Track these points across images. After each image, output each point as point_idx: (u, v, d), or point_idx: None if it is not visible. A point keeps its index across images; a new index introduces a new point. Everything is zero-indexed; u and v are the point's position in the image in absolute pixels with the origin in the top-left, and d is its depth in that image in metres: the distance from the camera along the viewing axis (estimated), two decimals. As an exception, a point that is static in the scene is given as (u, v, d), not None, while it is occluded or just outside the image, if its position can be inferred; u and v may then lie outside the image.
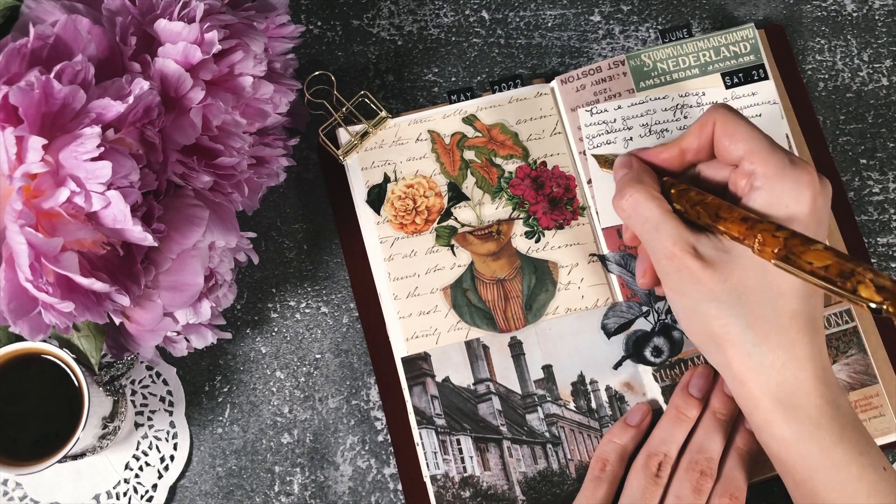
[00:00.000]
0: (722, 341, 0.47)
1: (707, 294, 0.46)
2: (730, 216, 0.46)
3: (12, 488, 0.57)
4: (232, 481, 0.58)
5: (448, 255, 0.59)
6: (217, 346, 0.60)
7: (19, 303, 0.40)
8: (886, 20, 0.65)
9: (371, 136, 0.61)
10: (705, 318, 0.47)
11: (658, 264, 0.49)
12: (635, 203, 0.49)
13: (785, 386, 0.46)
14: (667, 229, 0.47)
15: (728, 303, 0.46)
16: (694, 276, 0.47)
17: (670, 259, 0.47)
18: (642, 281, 0.53)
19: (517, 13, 0.66)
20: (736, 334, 0.46)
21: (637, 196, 0.49)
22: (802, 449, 0.46)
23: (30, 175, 0.39)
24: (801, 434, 0.46)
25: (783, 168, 0.46)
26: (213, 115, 0.45)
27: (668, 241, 0.47)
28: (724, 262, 0.46)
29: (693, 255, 0.46)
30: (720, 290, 0.46)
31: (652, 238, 0.48)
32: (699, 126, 0.49)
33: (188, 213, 0.45)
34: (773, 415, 0.47)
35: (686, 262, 0.47)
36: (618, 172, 0.52)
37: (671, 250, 0.47)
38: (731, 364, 0.47)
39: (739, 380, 0.47)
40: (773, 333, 0.46)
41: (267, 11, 0.51)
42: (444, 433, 0.57)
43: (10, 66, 0.40)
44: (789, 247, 0.43)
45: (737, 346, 0.47)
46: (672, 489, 0.53)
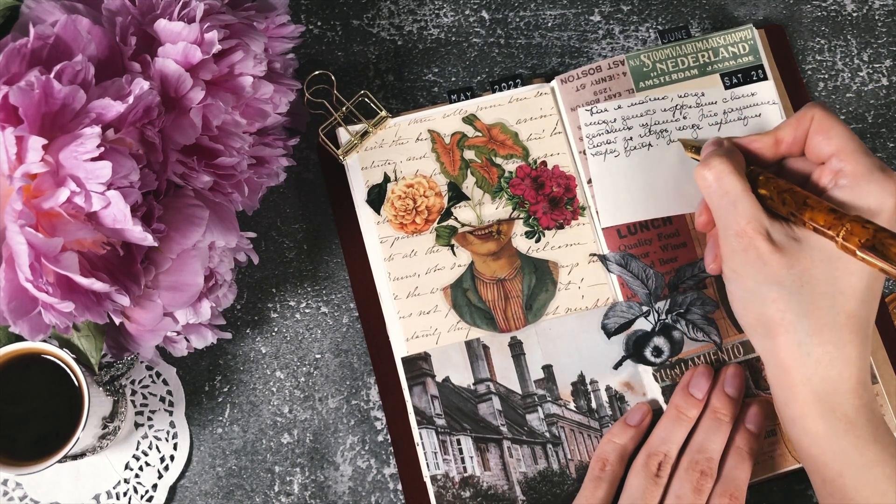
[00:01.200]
0: (775, 326, 0.48)
1: (770, 277, 0.47)
2: (818, 205, 0.46)
3: (12, 488, 0.57)
4: (232, 481, 0.58)
5: (448, 254, 0.60)
6: (217, 346, 0.60)
7: (19, 303, 0.40)
8: (886, 20, 0.65)
9: (371, 135, 0.61)
10: (763, 300, 0.48)
11: (726, 241, 0.49)
12: (720, 174, 0.49)
13: (828, 382, 0.47)
14: (744, 206, 0.48)
15: (790, 289, 0.47)
16: (761, 257, 0.47)
17: (740, 237, 0.48)
18: (712, 266, 0.54)
19: (517, 13, 0.66)
20: (791, 321, 0.47)
21: (723, 167, 0.49)
22: (836, 445, 0.47)
23: (30, 175, 0.39)
24: (835, 431, 0.46)
25: (872, 171, 0.47)
26: (213, 115, 0.45)
27: (742, 219, 0.48)
28: (794, 249, 0.47)
29: (764, 236, 0.47)
30: (785, 274, 0.47)
31: (727, 213, 0.49)
32: (797, 119, 0.50)
33: (188, 213, 0.45)
34: (811, 408, 0.47)
35: (756, 242, 0.47)
36: (708, 147, 0.52)
37: (744, 228, 0.48)
38: (779, 350, 0.48)
39: (783, 367, 0.48)
40: (828, 328, 0.46)
41: (267, 11, 0.51)
42: (444, 433, 0.57)
43: (10, 66, 0.40)
44: (878, 238, 0.43)
45: (789, 333, 0.47)
46: (672, 489, 0.53)
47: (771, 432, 0.57)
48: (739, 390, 0.55)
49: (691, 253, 0.59)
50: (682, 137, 0.59)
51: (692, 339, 0.58)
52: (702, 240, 0.59)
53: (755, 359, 0.58)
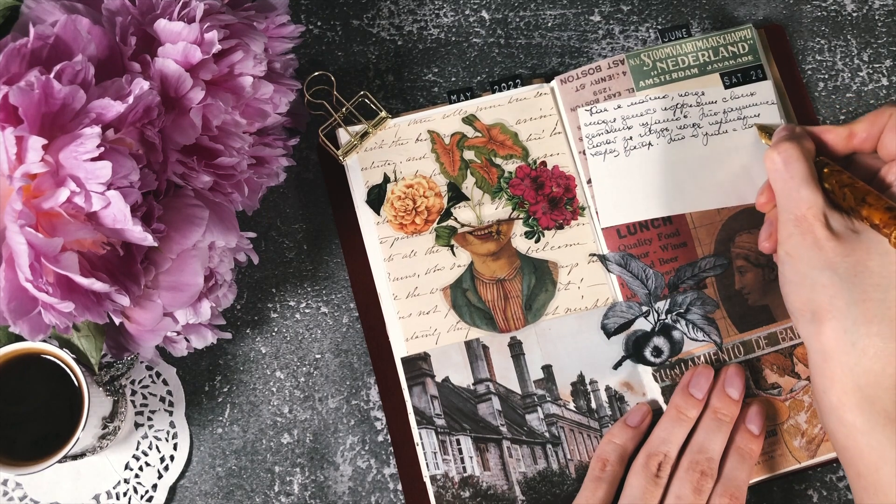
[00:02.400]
0: (823, 312, 0.48)
1: (825, 262, 0.47)
2: (876, 203, 0.47)
3: (12, 488, 0.57)
4: (232, 481, 0.58)
5: (448, 255, 0.60)
6: (217, 346, 0.60)
7: (19, 303, 0.40)
8: (886, 20, 0.65)
9: (371, 136, 0.61)
10: (814, 285, 0.48)
11: (784, 225, 0.50)
12: (788, 157, 0.50)
13: (870, 374, 0.46)
14: (807, 192, 0.48)
15: (843, 276, 0.47)
16: (818, 242, 0.48)
17: (799, 221, 0.48)
18: (765, 245, 0.54)
19: (517, 13, 0.66)
20: (840, 308, 0.47)
21: (793, 151, 0.50)
22: (873, 439, 0.46)
23: (30, 175, 0.39)
24: (873, 424, 0.46)
25: None
26: (213, 115, 0.46)
27: (803, 204, 0.48)
28: (851, 239, 0.47)
29: (823, 223, 0.48)
30: (839, 262, 0.47)
31: (790, 196, 0.49)
32: (874, 115, 0.51)
33: (188, 213, 0.45)
34: (850, 398, 0.47)
35: (814, 228, 0.48)
36: (781, 132, 0.53)
37: (804, 213, 0.48)
38: (824, 336, 0.48)
39: (826, 354, 0.48)
40: (877, 320, 0.46)
41: (267, 11, 0.51)
42: (444, 433, 0.57)
43: (10, 66, 0.40)
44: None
45: (837, 320, 0.47)
46: (672, 489, 0.53)
47: (771, 432, 0.57)
48: (740, 390, 0.55)
49: (691, 253, 0.59)
50: (759, 123, 0.60)
51: (692, 339, 0.58)
52: (702, 239, 0.59)
53: (755, 359, 0.58)
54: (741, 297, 0.58)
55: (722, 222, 0.59)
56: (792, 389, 0.57)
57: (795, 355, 0.58)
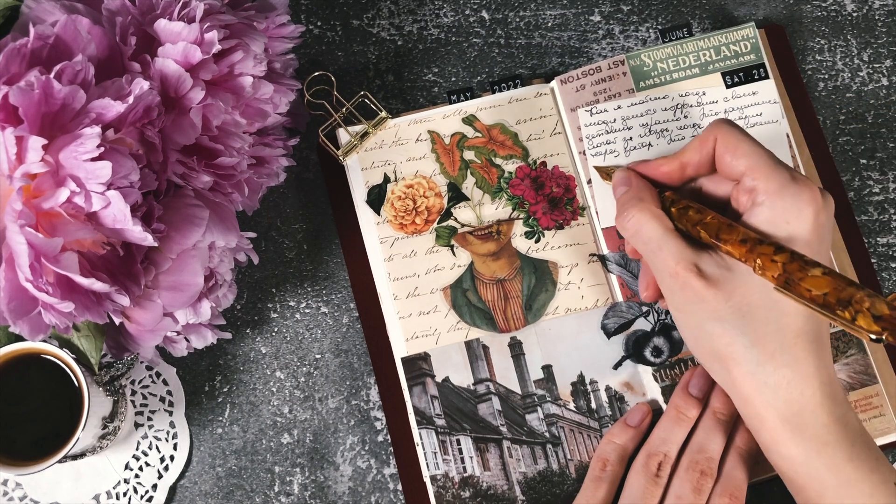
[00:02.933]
0: (727, 360, 0.47)
1: (711, 313, 0.46)
2: (729, 237, 0.46)
3: (12, 488, 0.57)
4: (232, 481, 0.58)
5: (448, 255, 0.60)
6: (217, 346, 0.60)
7: (19, 303, 0.40)
8: (886, 20, 0.65)
9: (371, 136, 0.61)
10: (710, 336, 0.47)
11: (662, 282, 0.49)
12: (637, 224, 0.49)
13: (791, 404, 0.46)
14: (669, 248, 0.47)
15: (732, 322, 0.46)
16: (697, 294, 0.46)
17: (674, 278, 0.47)
18: (645, 294, 0.54)
19: (517, 13, 0.66)
20: (740, 353, 0.46)
21: (639, 216, 0.49)
22: (811, 468, 0.46)
23: (30, 175, 0.39)
24: (808, 453, 0.46)
25: (785, 184, 0.46)
26: (213, 115, 0.45)
27: (670, 261, 0.47)
28: (728, 280, 0.46)
29: (696, 273, 0.46)
30: (724, 308, 0.46)
31: (655, 257, 0.48)
32: (700, 141, 0.49)
33: (188, 213, 0.45)
34: (780, 434, 0.46)
35: (689, 281, 0.46)
36: (617, 190, 0.52)
37: (674, 269, 0.47)
38: (736, 383, 0.47)
39: (745, 398, 0.47)
40: (778, 352, 0.46)
41: (267, 11, 0.51)
42: (444, 433, 0.57)
43: (10, 66, 0.40)
44: (788, 272, 0.43)
45: (741, 366, 0.46)
46: (672, 489, 0.53)
47: (771, 432, 0.57)
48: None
49: (691, 253, 0.59)
50: (597, 164, 0.59)
51: (692, 340, 0.58)
52: (702, 240, 0.59)
53: (755, 359, 0.58)
54: (741, 297, 0.58)
55: (722, 222, 0.59)
56: (792, 389, 0.57)
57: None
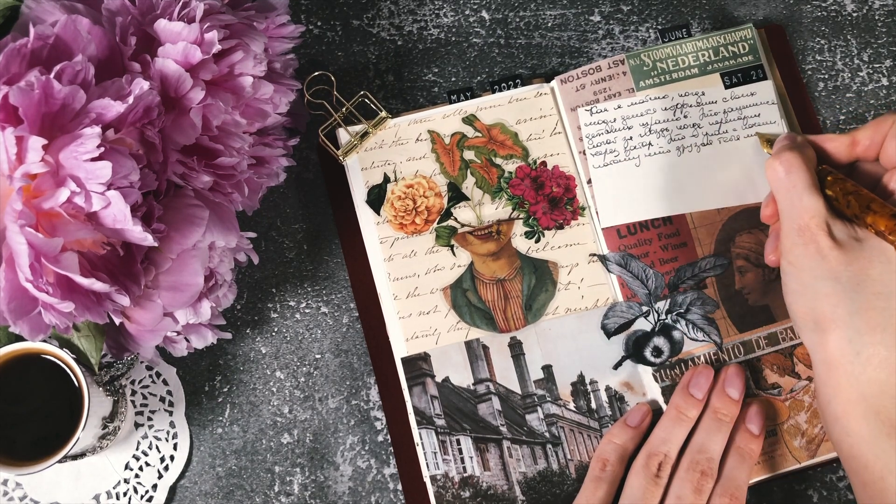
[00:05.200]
0: (826, 322, 0.47)
1: (827, 272, 0.47)
2: (881, 210, 0.47)
3: (12, 488, 0.57)
4: (232, 481, 0.58)
5: (448, 255, 0.60)
6: (217, 346, 0.60)
7: (19, 303, 0.40)
8: (886, 20, 0.65)
9: (371, 136, 0.61)
10: (817, 295, 0.48)
11: (787, 234, 0.49)
12: (790, 166, 0.49)
13: (874, 383, 0.46)
14: (810, 200, 0.48)
15: (846, 285, 0.47)
16: (821, 251, 0.47)
17: (802, 231, 0.48)
18: (771, 258, 0.54)
19: (517, 13, 0.66)
20: (843, 317, 0.47)
21: (794, 160, 0.49)
22: (878, 449, 0.46)
23: (30, 175, 0.39)
24: (878, 434, 0.46)
25: None
26: (213, 115, 0.45)
27: (806, 213, 0.48)
28: (854, 248, 0.47)
29: (826, 232, 0.47)
30: (842, 271, 0.47)
31: (792, 205, 0.49)
32: (877, 123, 0.50)
33: (188, 213, 0.45)
34: (855, 407, 0.47)
35: (817, 237, 0.47)
36: (781, 141, 0.52)
37: (807, 222, 0.48)
38: (828, 346, 0.47)
39: (830, 364, 0.48)
40: (880, 329, 0.46)
41: (267, 11, 0.51)
42: (444, 433, 0.57)
43: (10, 66, 0.40)
44: None
45: (840, 330, 0.47)
46: (672, 489, 0.53)
47: (771, 432, 0.57)
48: (740, 390, 0.55)
49: (691, 253, 0.59)
50: (760, 131, 0.59)
51: (692, 339, 0.58)
52: (702, 239, 0.59)
53: (755, 359, 0.58)
54: (741, 297, 0.58)
55: (722, 222, 0.59)
56: (792, 389, 0.57)
57: (795, 355, 0.58)
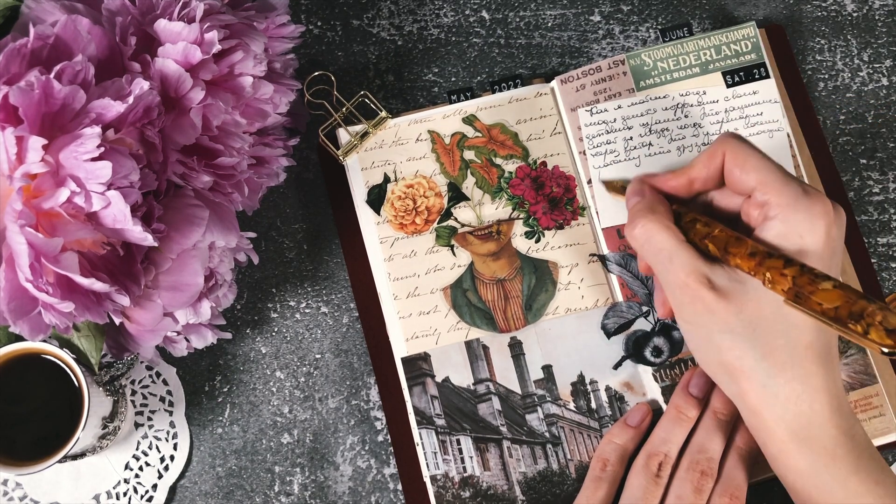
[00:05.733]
0: (736, 373, 0.47)
1: (721, 325, 0.46)
2: (738, 251, 0.45)
3: (12, 488, 0.57)
4: (232, 481, 0.58)
5: (448, 255, 0.59)
6: (217, 346, 0.60)
7: (19, 303, 0.40)
8: (886, 20, 0.65)
9: (371, 136, 0.61)
10: (719, 348, 0.47)
11: (672, 295, 0.48)
12: (648, 233, 0.48)
13: (800, 418, 0.46)
14: (680, 260, 0.47)
15: (743, 335, 0.46)
16: (708, 307, 0.46)
17: (683, 289, 0.47)
18: (661, 311, 0.53)
19: (517, 13, 0.66)
20: (750, 366, 0.46)
21: (650, 226, 0.48)
22: (818, 480, 0.46)
23: (30, 175, 0.39)
24: (816, 465, 0.46)
25: (797, 198, 0.46)
26: (213, 115, 0.45)
27: (681, 272, 0.47)
28: (739, 293, 0.46)
29: (707, 285, 0.46)
30: (735, 321, 0.46)
31: (665, 269, 0.48)
32: (708, 156, 0.49)
33: (188, 213, 0.45)
34: (789, 446, 0.46)
35: (700, 293, 0.46)
36: (630, 200, 0.52)
37: (684, 281, 0.47)
38: (746, 395, 0.47)
39: (754, 411, 0.47)
40: (789, 366, 0.45)
41: (267, 11, 0.51)
42: (444, 433, 0.57)
43: (10, 66, 0.40)
44: (798, 285, 0.43)
45: (751, 379, 0.46)
46: (672, 489, 0.53)
47: (771, 432, 0.57)
48: (739, 390, 0.55)
49: (691, 253, 0.59)
50: (605, 178, 0.59)
51: (692, 340, 0.58)
52: (702, 240, 0.59)
53: (755, 359, 0.58)
54: (741, 297, 0.58)
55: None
56: (792, 389, 0.57)
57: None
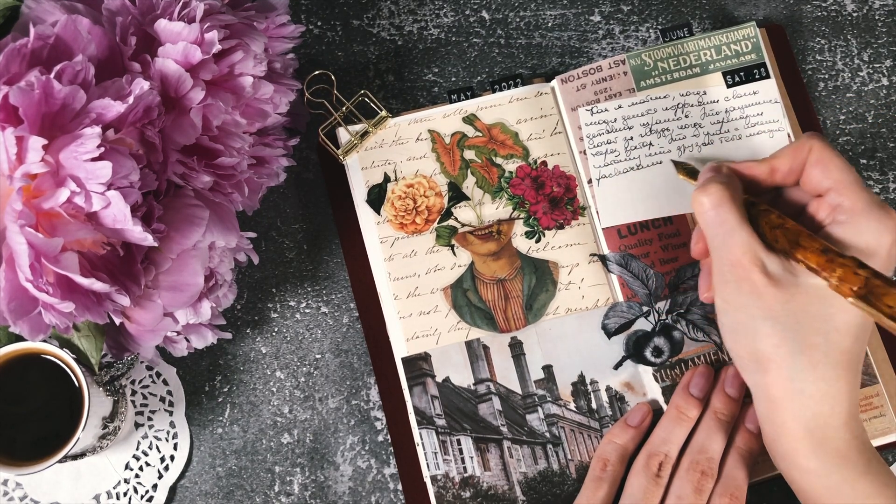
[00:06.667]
0: (767, 361, 0.46)
1: (765, 311, 0.46)
2: (810, 245, 0.45)
3: (12, 488, 0.57)
4: (232, 481, 0.58)
5: (448, 255, 0.59)
6: (217, 346, 0.60)
7: (19, 303, 0.40)
8: (886, 20, 0.65)
9: (371, 135, 0.61)
10: (756, 335, 0.46)
11: (720, 272, 0.48)
12: (718, 202, 0.47)
13: (819, 418, 0.46)
14: (740, 237, 0.46)
15: (785, 324, 0.45)
16: (756, 290, 0.46)
17: (735, 267, 0.46)
18: (706, 296, 0.53)
19: (517, 13, 0.66)
20: (784, 357, 0.46)
21: (721, 195, 0.47)
22: (828, 481, 0.46)
23: (30, 175, 0.39)
24: (827, 466, 0.46)
25: (870, 207, 0.46)
26: (213, 115, 0.45)
27: (737, 249, 0.46)
28: (790, 283, 0.45)
29: (760, 268, 0.45)
30: (779, 309, 0.45)
31: (722, 243, 0.47)
32: (794, 149, 0.49)
33: (188, 213, 0.45)
34: (802, 444, 0.46)
35: (751, 274, 0.46)
36: (706, 173, 0.51)
37: (739, 258, 0.46)
38: (770, 386, 0.47)
39: (774, 403, 0.47)
40: (821, 365, 0.45)
41: (267, 11, 0.51)
42: (445, 433, 0.57)
43: (10, 66, 0.40)
44: (870, 286, 0.42)
45: (782, 370, 0.46)
46: (673, 489, 0.53)
47: (771, 432, 0.57)
48: (740, 390, 0.55)
49: (691, 253, 0.59)
50: (675, 159, 0.59)
51: (692, 340, 0.58)
52: (702, 240, 0.59)
53: (755, 359, 0.58)
54: (741, 297, 0.58)
55: (722, 222, 0.59)
56: (792, 389, 0.57)
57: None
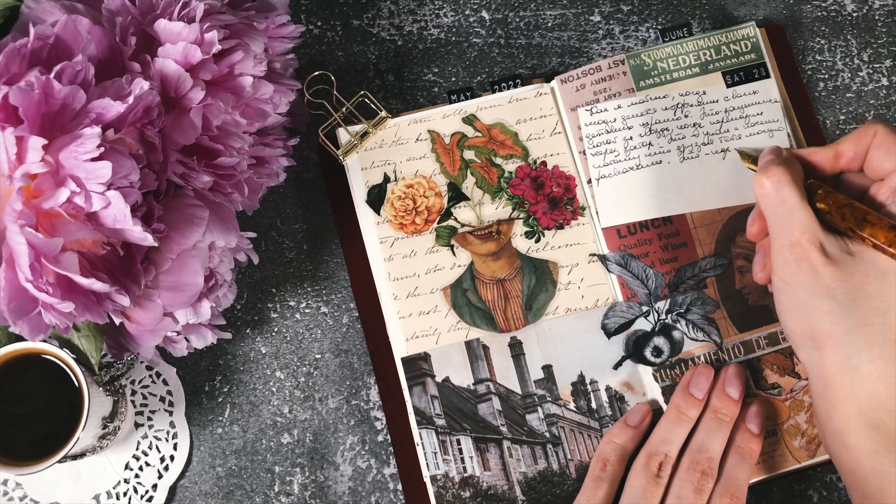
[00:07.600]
0: (823, 339, 0.47)
1: (822, 289, 0.47)
2: (878, 222, 0.46)
3: (12, 488, 0.57)
4: (232, 481, 0.58)
5: (448, 255, 0.59)
6: (217, 346, 0.60)
7: (19, 303, 0.40)
8: (886, 20, 0.65)
9: (371, 136, 0.61)
10: (813, 312, 0.47)
11: (778, 252, 0.49)
12: (778, 183, 0.48)
13: (873, 398, 0.46)
14: (800, 217, 0.48)
15: (842, 302, 0.46)
16: (814, 268, 0.47)
17: (794, 247, 0.48)
18: (760, 276, 0.54)
19: (517, 13, 0.66)
20: (841, 334, 0.46)
21: (782, 176, 0.49)
22: (878, 462, 0.46)
23: (30, 175, 0.39)
24: (878, 448, 0.46)
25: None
26: (213, 115, 0.45)
27: (796, 230, 0.47)
28: (849, 263, 0.47)
29: (818, 248, 0.47)
30: (837, 287, 0.46)
31: (782, 222, 0.48)
32: (859, 134, 0.50)
33: (188, 213, 0.45)
34: (854, 423, 0.47)
35: (810, 254, 0.47)
36: (767, 155, 0.52)
37: (798, 238, 0.47)
38: (825, 363, 0.47)
39: (828, 381, 0.47)
40: (878, 344, 0.46)
41: (267, 11, 0.51)
42: (444, 433, 0.57)
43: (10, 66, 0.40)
44: None
45: (838, 347, 0.47)
46: (673, 489, 0.53)
47: (771, 432, 0.57)
48: (740, 390, 0.55)
49: (691, 253, 0.59)
50: (740, 147, 0.59)
51: (692, 339, 0.58)
52: (702, 239, 0.59)
53: (755, 359, 0.58)
54: (741, 297, 0.58)
55: (722, 222, 0.59)
56: (792, 389, 0.57)
57: (796, 356, 0.58)
